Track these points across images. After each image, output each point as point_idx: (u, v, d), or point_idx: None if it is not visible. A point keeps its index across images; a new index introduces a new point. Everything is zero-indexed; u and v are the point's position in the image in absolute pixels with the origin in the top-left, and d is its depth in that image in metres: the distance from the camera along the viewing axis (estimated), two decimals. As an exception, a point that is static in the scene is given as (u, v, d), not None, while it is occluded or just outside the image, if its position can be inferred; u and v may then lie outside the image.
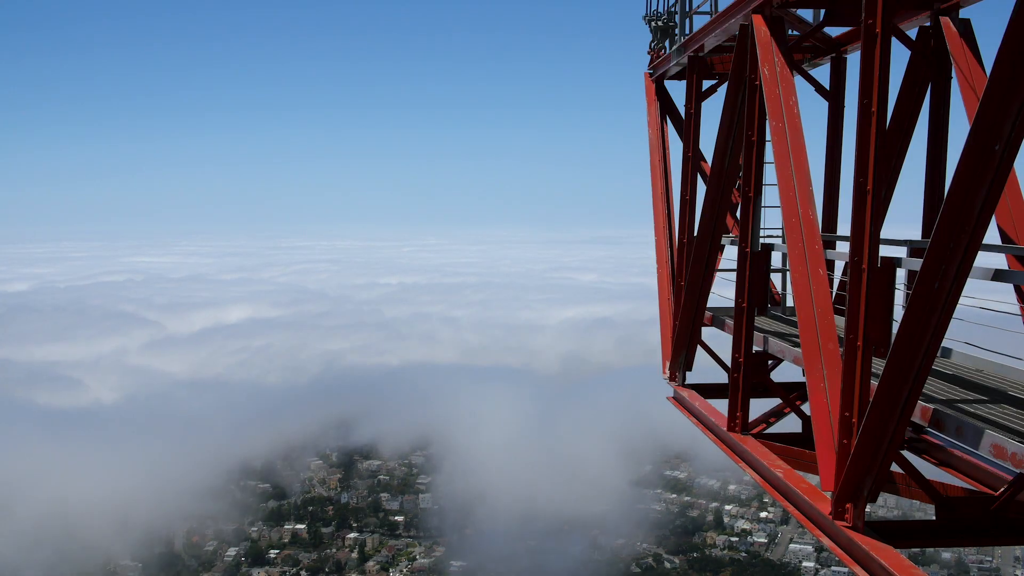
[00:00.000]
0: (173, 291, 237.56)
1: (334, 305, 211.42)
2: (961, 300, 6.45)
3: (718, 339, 12.84)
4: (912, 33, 10.77)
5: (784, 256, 12.30)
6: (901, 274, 8.91)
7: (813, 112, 11.68)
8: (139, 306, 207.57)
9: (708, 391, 13.19)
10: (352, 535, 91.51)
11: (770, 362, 11.91)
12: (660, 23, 14.42)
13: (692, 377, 13.56)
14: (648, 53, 15.13)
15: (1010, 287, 9.45)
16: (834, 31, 12.05)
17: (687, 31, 13.42)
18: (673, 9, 14.10)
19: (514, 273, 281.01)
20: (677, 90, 14.81)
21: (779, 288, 13.74)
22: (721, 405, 11.78)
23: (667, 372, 13.87)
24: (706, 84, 13.25)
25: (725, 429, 11.25)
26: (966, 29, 10.09)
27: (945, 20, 10.13)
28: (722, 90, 12.33)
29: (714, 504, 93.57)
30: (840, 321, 8.62)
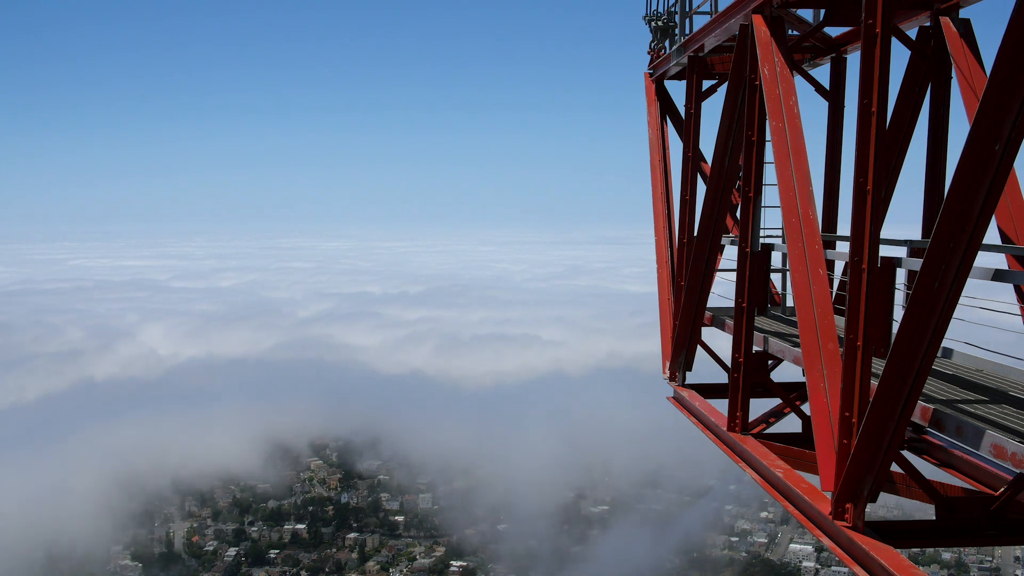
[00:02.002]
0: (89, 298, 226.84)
1: (318, 306, 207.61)
2: (961, 300, 6.45)
3: (718, 339, 12.84)
4: (912, 33, 10.77)
5: (784, 256, 12.29)
6: (901, 274, 8.91)
7: (813, 112, 11.69)
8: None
9: (708, 391, 13.19)
10: (352, 535, 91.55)
11: (770, 362, 11.91)
12: (660, 23, 14.42)
13: (692, 377, 13.56)
14: (648, 53, 15.13)
15: (1010, 287, 9.44)
16: (834, 31, 12.05)
17: (687, 31, 13.42)
18: (673, 9, 14.10)
19: (524, 279, 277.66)
20: (677, 90, 14.82)
21: (779, 288, 13.74)
22: (721, 405, 11.78)
23: (667, 372, 13.87)
24: (706, 84, 13.25)
25: (725, 429, 11.24)
26: (966, 29, 10.10)
27: (945, 20, 10.13)
28: (722, 90, 12.34)
29: (714, 504, 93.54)
30: (840, 321, 8.62)
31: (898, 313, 8.28)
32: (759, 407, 11.71)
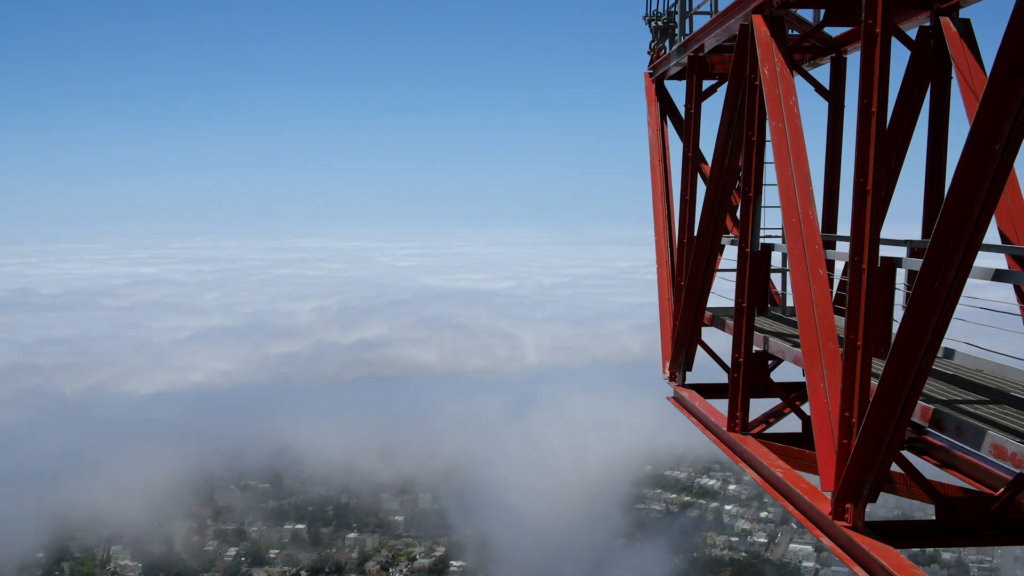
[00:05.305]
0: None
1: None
2: (961, 300, 6.45)
3: (718, 339, 12.84)
4: (912, 33, 10.78)
5: (784, 256, 12.30)
6: (901, 274, 8.92)
7: (813, 112, 11.69)
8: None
9: (708, 391, 13.19)
10: (352, 535, 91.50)
11: (770, 362, 11.91)
12: (660, 23, 14.42)
13: (692, 377, 13.56)
14: (648, 53, 15.14)
15: (1010, 287, 9.45)
16: (834, 31, 12.05)
17: (687, 31, 13.42)
18: (673, 9, 14.11)
19: (524, 278, 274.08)
20: (677, 90, 14.83)
21: (779, 288, 13.75)
22: (721, 405, 11.78)
23: (667, 372, 13.87)
24: (706, 84, 13.26)
25: (725, 429, 11.24)
26: (966, 29, 10.10)
27: (945, 20, 10.13)
28: (722, 90, 12.34)
29: (714, 504, 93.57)
30: (840, 321, 8.62)
31: (898, 313, 8.29)
32: (759, 407, 11.71)
